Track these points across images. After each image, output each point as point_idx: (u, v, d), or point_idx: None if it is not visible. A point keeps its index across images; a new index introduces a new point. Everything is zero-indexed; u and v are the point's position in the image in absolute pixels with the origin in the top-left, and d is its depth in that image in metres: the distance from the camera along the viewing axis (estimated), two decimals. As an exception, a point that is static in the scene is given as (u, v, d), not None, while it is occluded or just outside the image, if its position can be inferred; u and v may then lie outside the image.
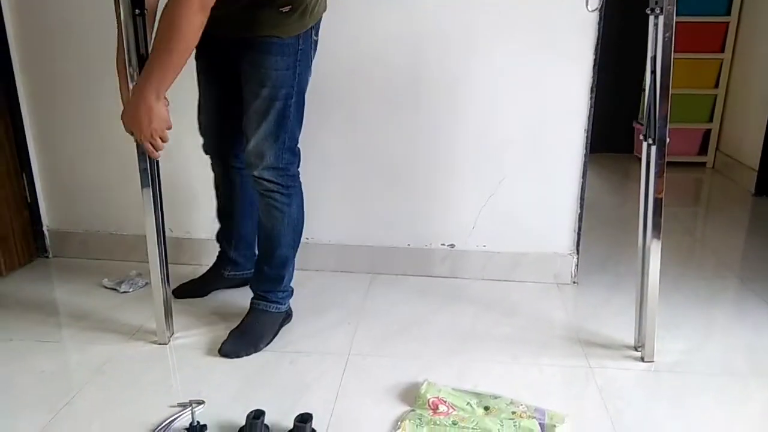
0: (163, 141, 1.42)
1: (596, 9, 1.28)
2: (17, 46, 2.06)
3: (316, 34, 1.56)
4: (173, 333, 1.71)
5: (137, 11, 1.40)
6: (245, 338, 1.65)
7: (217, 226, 1.91)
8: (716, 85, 3.49)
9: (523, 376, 1.54)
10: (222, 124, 1.71)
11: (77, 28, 1.32)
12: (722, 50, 3.41)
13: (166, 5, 1.28)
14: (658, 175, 1.40)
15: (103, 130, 2.02)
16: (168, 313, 1.68)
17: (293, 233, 1.67)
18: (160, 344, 1.67)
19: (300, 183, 1.66)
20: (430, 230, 2.08)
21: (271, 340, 1.67)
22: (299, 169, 1.64)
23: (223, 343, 1.63)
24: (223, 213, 1.88)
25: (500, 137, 1.96)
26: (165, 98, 1.38)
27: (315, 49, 1.57)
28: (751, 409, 1.42)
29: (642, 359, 1.54)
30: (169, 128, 1.41)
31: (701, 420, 1.38)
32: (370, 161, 2.04)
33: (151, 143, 1.41)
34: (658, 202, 1.43)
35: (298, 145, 1.62)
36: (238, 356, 1.60)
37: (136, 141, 1.44)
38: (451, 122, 1.96)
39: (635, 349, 1.59)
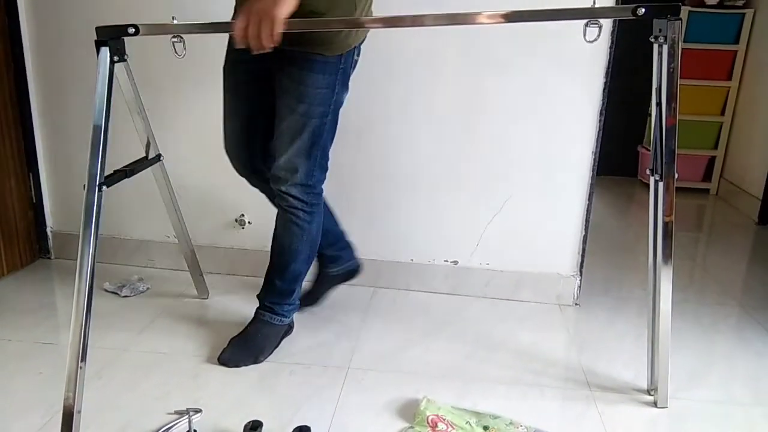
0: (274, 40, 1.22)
1: (594, 40, 1.27)
2: (32, 49, 2.08)
3: (358, 54, 1.54)
4: (173, 339, 1.70)
5: None
6: (246, 348, 1.63)
7: None
8: (722, 113, 3.50)
9: (524, 397, 1.52)
10: (252, 142, 1.64)
11: (91, 33, 1.33)
12: (729, 78, 3.43)
13: None
14: (666, 213, 1.39)
15: (111, 134, 2.03)
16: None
17: (309, 250, 1.65)
18: (159, 353, 1.66)
19: (323, 200, 1.66)
20: (433, 246, 2.08)
21: (271, 353, 1.66)
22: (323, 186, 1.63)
23: (223, 351, 1.62)
24: None
25: (508, 156, 1.96)
26: None
27: (354, 68, 1.55)
28: (752, 439, 1.41)
29: (655, 404, 1.50)
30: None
31: (702, 448, 1.37)
32: (376, 175, 2.04)
33: (260, 40, 1.21)
34: (667, 244, 1.41)
35: (329, 162, 1.60)
36: (237, 366, 1.60)
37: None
38: (460, 140, 1.97)
39: (648, 392, 1.56)
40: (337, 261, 1.91)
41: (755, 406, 1.53)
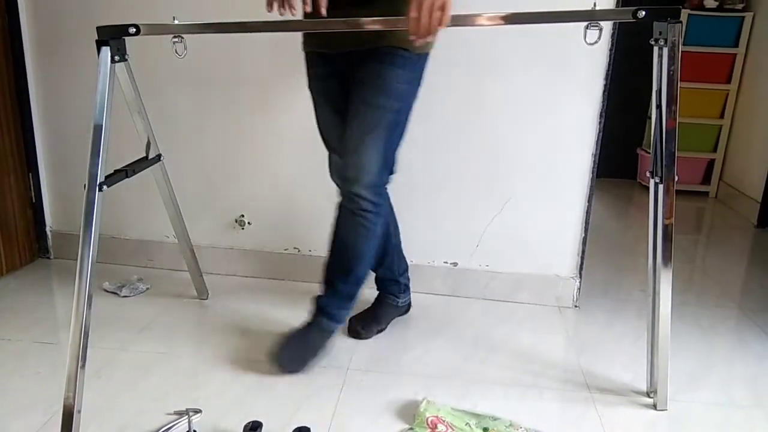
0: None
1: (594, 43, 1.28)
2: (32, 48, 2.08)
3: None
4: (172, 340, 1.70)
5: None
6: (301, 353, 1.58)
7: None
8: (722, 116, 3.51)
9: (523, 399, 1.52)
10: None
11: (92, 32, 1.33)
12: (729, 81, 3.43)
13: None
14: (666, 216, 1.39)
15: (111, 133, 2.03)
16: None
17: (374, 251, 1.62)
18: (159, 353, 1.66)
19: (388, 199, 1.67)
20: (433, 247, 2.08)
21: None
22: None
23: (278, 354, 1.55)
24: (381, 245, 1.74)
25: (509, 158, 1.96)
26: None
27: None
28: (751, 441, 1.41)
29: (654, 406, 1.50)
30: None
31: (701, 450, 1.37)
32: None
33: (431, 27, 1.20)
34: (667, 249, 1.41)
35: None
36: (294, 372, 1.55)
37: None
38: (460, 141, 1.97)
39: (647, 395, 1.56)
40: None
41: (755, 408, 1.54)
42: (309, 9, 1.30)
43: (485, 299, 2.07)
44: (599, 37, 1.27)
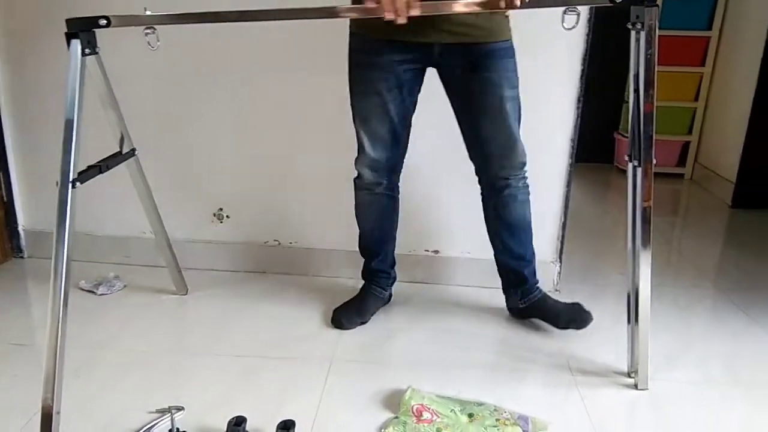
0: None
1: (572, 28, 1.27)
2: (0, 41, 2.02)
3: None
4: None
5: None
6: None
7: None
8: (696, 98, 3.55)
9: (507, 384, 1.53)
10: (397, 143, 1.66)
11: (61, 24, 1.30)
12: (703, 64, 3.47)
13: None
14: (644, 198, 1.40)
15: (84, 128, 1.98)
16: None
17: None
18: (138, 351, 1.63)
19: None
20: (414, 236, 2.07)
21: None
22: None
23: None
24: (386, 238, 1.85)
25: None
26: None
27: None
28: (732, 417, 1.44)
29: (635, 386, 1.53)
30: None
31: (683, 430, 1.39)
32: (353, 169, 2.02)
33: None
34: (646, 238, 1.42)
35: None
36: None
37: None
38: (437, 127, 1.96)
39: (628, 375, 1.58)
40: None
41: (733, 385, 1.57)
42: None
43: (467, 286, 2.07)
44: (577, 22, 1.27)
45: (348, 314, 1.79)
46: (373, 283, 1.87)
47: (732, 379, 1.59)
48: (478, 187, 2.01)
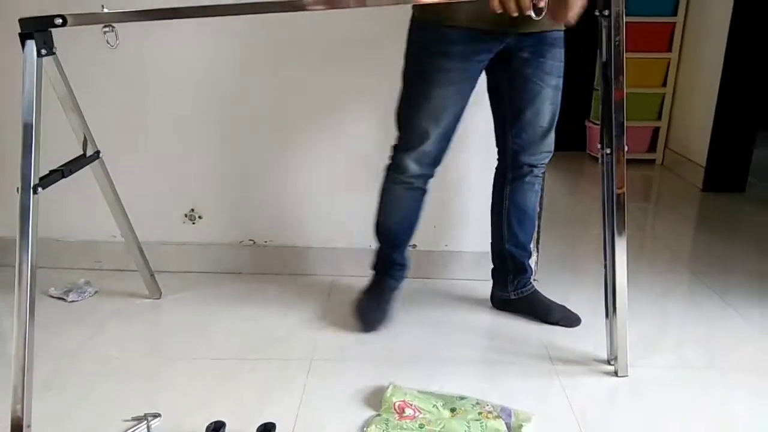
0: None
1: (541, 17, 1.27)
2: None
3: None
4: (126, 343, 1.64)
5: None
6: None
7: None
8: (664, 84, 3.59)
9: (489, 376, 1.53)
10: (452, 132, 1.62)
11: (15, 24, 1.25)
12: (669, 50, 3.51)
13: None
14: (618, 185, 1.41)
15: (47, 129, 1.92)
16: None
17: None
18: (112, 357, 1.59)
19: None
20: (391, 231, 2.05)
21: None
22: None
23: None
24: (411, 231, 1.81)
25: (460, 136, 1.94)
26: None
27: None
28: (709, 401, 1.45)
29: (615, 373, 1.54)
30: None
31: (663, 414, 1.40)
32: (330, 158, 2.00)
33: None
34: (621, 227, 1.43)
35: None
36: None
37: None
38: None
39: (608, 362, 1.59)
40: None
41: (709, 369, 1.58)
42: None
43: (446, 279, 2.07)
44: (545, 10, 1.26)
45: (373, 311, 1.75)
46: (389, 275, 1.82)
47: (708, 363, 1.61)
48: (453, 178, 2.00)
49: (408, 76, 1.57)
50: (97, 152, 1.62)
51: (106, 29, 1.31)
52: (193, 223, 2.07)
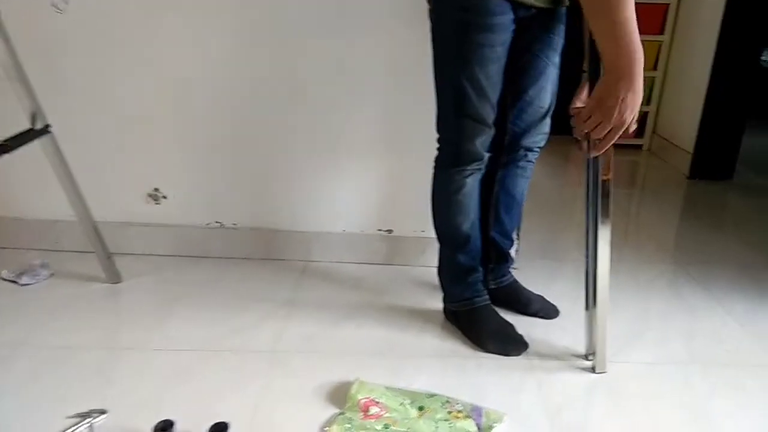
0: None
1: None
2: None
3: None
4: (78, 331, 1.54)
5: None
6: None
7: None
8: (655, 68, 3.50)
9: (461, 371, 1.45)
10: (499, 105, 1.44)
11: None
12: (662, 32, 3.41)
13: None
14: (604, 172, 1.32)
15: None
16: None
17: None
18: (61, 347, 1.49)
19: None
20: (366, 215, 1.97)
21: None
22: None
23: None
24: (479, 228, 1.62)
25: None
26: None
27: None
28: (690, 398, 1.39)
29: (593, 369, 1.47)
30: None
31: (643, 413, 1.33)
32: (302, 141, 1.90)
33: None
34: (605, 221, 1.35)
35: None
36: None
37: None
38: (388, 104, 1.84)
39: (586, 358, 1.52)
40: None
41: (691, 363, 1.52)
42: None
43: (422, 266, 1.98)
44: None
45: (502, 341, 1.56)
46: (476, 293, 1.59)
47: (690, 358, 1.55)
48: (429, 162, 1.90)
49: (448, 54, 1.37)
50: (47, 126, 1.50)
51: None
52: (157, 203, 1.96)
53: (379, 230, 1.98)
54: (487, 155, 1.48)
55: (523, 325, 1.64)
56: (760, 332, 1.67)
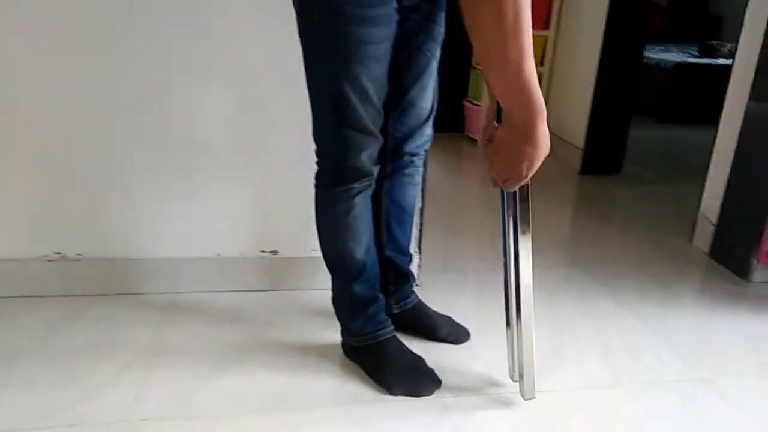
0: None
1: None
2: None
3: None
4: None
5: None
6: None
7: None
8: (542, 63, 3.46)
9: (365, 419, 1.22)
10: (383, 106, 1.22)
11: None
12: (547, 27, 3.38)
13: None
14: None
15: None
16: None
17: None
18: None
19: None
20: (244, 235, 1.68)
21: None
22: None
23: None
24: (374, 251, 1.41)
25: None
26: None
27: None
28: (626, 426, 1.25)
29: (522, 396, 1.28)
30: None
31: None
32: (153, 152, 1.57)
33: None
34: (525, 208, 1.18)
35: None
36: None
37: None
38: (277, 113, 1.57)
39: (512, 379, 1.35)
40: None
41: (615, 386, 1.39)
42: None
43: (315, 290, 1.72)
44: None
45: (412, 381, 1.34)
46: (379, 326, 1.38)
47: (614, 380, 1.41)
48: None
49: (325, 55, 1.13)
50: None
51: None
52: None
53: (262, 252, 1.71)
54: (376, 169, 1.25)
55: (431, 353, 1.44)
56: (673, 340, 1.59)
